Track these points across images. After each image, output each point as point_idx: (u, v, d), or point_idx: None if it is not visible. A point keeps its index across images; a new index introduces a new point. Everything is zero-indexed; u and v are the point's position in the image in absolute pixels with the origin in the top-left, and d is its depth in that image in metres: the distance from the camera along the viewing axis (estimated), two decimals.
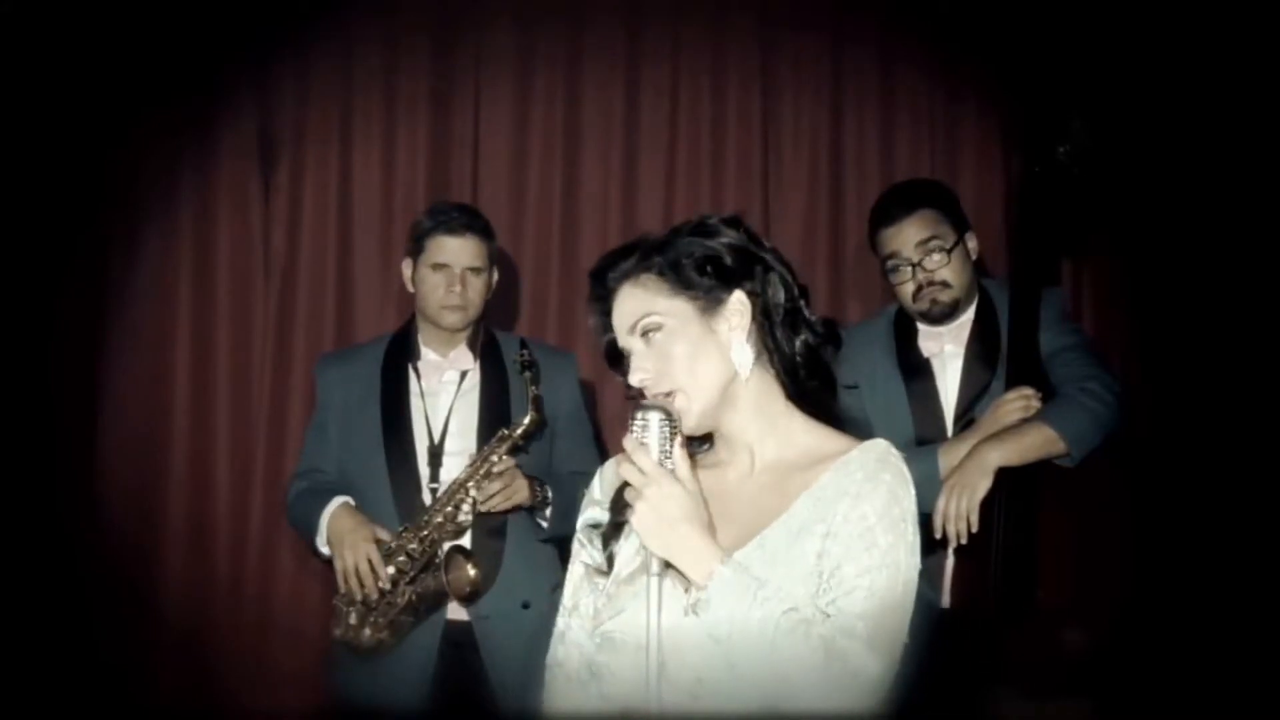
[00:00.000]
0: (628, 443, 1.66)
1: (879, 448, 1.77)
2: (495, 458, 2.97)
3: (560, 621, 1.85)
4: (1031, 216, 2.98)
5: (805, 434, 1.80)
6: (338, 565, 2.98)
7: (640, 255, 1.79)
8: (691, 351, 1.74)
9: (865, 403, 2.96)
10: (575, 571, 1.87)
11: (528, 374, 2.98)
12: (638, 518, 1.64)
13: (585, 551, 1.86)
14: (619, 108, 3.86)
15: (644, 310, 1.76)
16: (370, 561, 2.94)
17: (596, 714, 1.74)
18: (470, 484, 2.97)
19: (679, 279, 1.76)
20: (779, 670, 1.61)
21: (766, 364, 1.79)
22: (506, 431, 2.98)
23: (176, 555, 3.67)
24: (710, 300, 1.76)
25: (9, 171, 3.14)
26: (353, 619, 2.99)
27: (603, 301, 1.82)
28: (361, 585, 2.95)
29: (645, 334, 1.76)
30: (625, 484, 1.69)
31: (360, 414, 3.11)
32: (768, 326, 1.78)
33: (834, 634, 1.62)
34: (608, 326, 1.82)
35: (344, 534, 2.98)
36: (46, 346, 3.42)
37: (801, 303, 1.81)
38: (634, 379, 1.76)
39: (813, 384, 1.81)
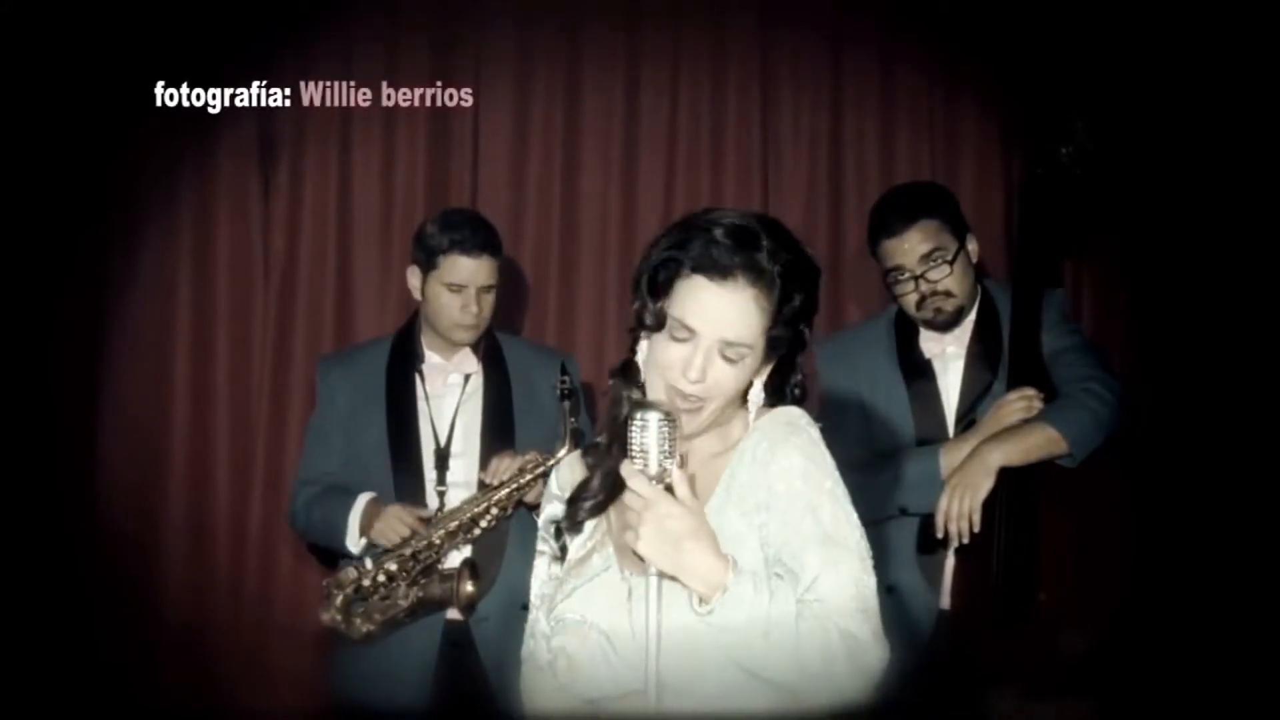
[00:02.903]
0: (624, 469, 1.66)
1: (789, 414, 1.78)
2: (525, 481, 2.94)
3: (530, 616, 1.86)
4: (1034, 218, 2.99)
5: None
6: (383, 542, 2.96)
7: (782, 273, 1.72)
8: (739, 384, 1.75)
9: (866, 404, 2.96)
10: (540, 567, 1.89)
11: (567, 403, 2.91)
12: (643, 543, 1.64)
13: (547, 545, 1.88)
14: (619, 108, 3.85)
15: (748, 337, 1.72)
16: (400, 518, 2.94)
17: (570, 713, 1.75)
18: (494, 506, 2.95)
19: (782, 321, 1.74)
20: (801, 663, 1.62)
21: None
22: (540, 459, 2.94)
23: (176, 555, 3.67)
24: (773, 350, 1.76)
25: (9, 171, 3.14)
26: (339, 601, 2.95)
27: (697, 258, 1.72)
28: (410, 538, 2.93)
29: (726, 352, 1.73)
30: (583, 481, 1.77)
31: (365, 416, 3.10)
32: (777, 367, 1.80)
33: (835, 618, 1.62)
34: (685, 266, 1.73)
35: (379, 518, 2.97)
36: (46, 346, 3.42)
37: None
38: (689, 376, 1.71)
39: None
